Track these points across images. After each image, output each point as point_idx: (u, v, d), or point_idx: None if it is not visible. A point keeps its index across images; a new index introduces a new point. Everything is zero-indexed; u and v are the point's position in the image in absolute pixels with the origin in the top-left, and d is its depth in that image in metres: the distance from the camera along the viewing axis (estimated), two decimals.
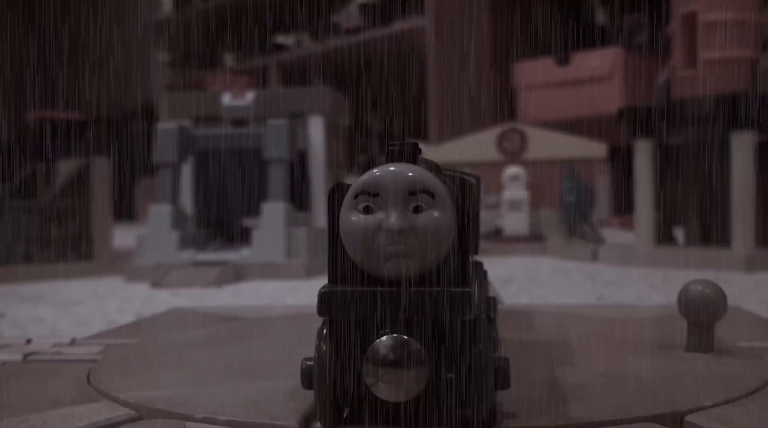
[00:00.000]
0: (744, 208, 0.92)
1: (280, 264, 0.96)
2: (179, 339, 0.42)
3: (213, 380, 0.32)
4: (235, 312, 0.54)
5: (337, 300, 0.25)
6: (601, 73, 1.83)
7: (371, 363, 0.24)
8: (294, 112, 1.08)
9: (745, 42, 0.95)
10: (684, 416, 0.27)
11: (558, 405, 0.28)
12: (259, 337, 0.43)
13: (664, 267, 0.97)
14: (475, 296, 0.25)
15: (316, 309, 0.26)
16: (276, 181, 0.99)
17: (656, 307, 0.53)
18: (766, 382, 0.31)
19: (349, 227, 0.25)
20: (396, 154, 0.26)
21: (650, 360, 0.35)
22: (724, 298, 0.36)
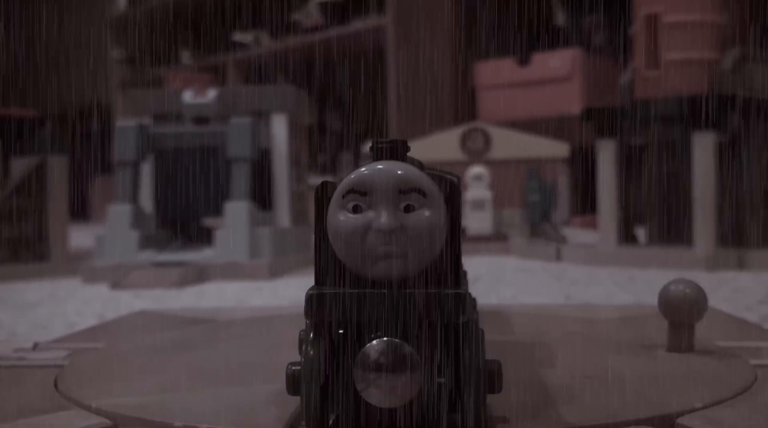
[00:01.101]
0: (705, 207, 0.93)
1: (243, 265, 0.95)
2: (149, 343, 0.41)
3: (189, 385, 0.31)
4: (203, 314, 0.53)
5: (326, 302, 0.24)
6: (561, 74, 1.84)
7: (362, 367, 0.23)
8: (257, 110, 1.06)
9: (706, 43, 0.96)
10: (675, 418, 0.26)
11: (548, 408, 0.27)
12: (232, 340, 0.42)
13: (627, 266, 0.97)
14: (468, 298, 0.24)
15: (285, 311, 0.25)
16: (239, 180, 0.98)
17: (630, 306, 0.53)
18: (752, 382, 0.31)
19: (338, 227, 0.24)
20: (384, 152, 0.26)
21: (633, 360, 0.35)
22: (704, 298, 0.36)
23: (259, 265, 0.94)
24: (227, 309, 0.60)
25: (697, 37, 0.95)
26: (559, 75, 1.85)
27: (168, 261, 0.95)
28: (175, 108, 1.07)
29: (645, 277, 0.87)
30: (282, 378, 0.31)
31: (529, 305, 0.61)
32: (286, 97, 1.08)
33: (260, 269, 0.94)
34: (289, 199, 1.07)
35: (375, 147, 0.26)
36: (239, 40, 2.91)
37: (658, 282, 0.84)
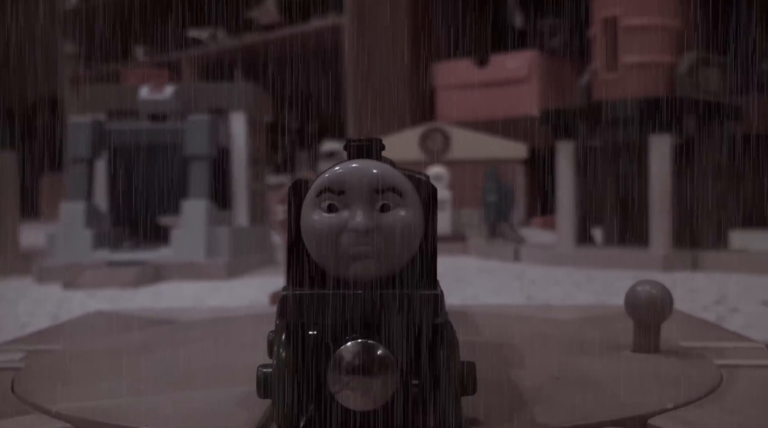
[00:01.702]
0: (661, 208, 0.94)
1: (200, 264, 0.93)
2: (108, 345, 0.40)
3: (154, 388, 0.30)
4: (162, 314, 0.52)
5: (300, 303, 0.24)
6: (519, 75, 1.85)
7: (337, 370, 0.23)
8: (215, 107, 1.05)
9: (664, 47, 0.97)
10: (647, 419, 0.26)
11: (521, 410, 0.27)
12: (195, 342, 0.41)
13: (585, 266, 0.98)
14: (444, 298, 0.24)
15: (246, 312, 0.24)
16: (197, 179, 0.96)
17: (593, 307, 0.53)
18: (718, 382, 0.31)
19: (312, 226, 0.24)
20: (359, 151, 0.25)
21: (601, 361, 0.35)
22: (670, 299, 0.36)
23: (217, 265, 0.93)
24: (186, 309, 0.59)
25: (655, 41, 0.96)
26: (516, 76, 1.86)
27: (123, 261, 0.93)
28: (131, 104, 1.05)
29: (602, 277, 0.88)
30: (249, 380, 0.31)
31: (493, 305, 0.61)
32: (245, 95, 1.07)
33: (218, 269, 0.93)
34: (247, 198, 1.06)
35: (350, 145, 0.25)
36: (195, 36, 2.88)
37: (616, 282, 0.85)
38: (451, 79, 1.97)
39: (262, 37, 2.63)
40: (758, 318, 0.60)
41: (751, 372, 0.33)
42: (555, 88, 1.85)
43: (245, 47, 2.68)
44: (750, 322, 0.58)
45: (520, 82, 1.87)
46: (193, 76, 2.76)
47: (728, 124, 0.99)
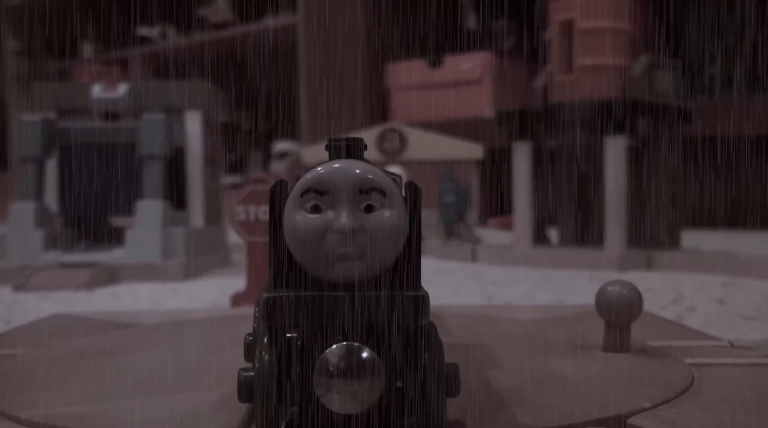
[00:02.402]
0: (616, 209, 0.96)
1: (156, 266, 0.92)
2: (71, 349, 0.39)
3: (124, 393, 0.29)
4: (122, 317, 0.51)
5: (285, 306, 0.23)
6: (472, 77, 1.87)
7: (322, 373, 0.23)
8: (170, 106, 1.03)
9: (618, 50, 0.98)
10: (627, 418, 0.27)
11: (503, 411, 0.27)
12: (161, 345, 0.40)
13: (542, 266, 0.99)
14: (429, 300, 0.24)
15: (209, 313, 0.24)
16: (152, 178, 0.95)
17: (558, 307, 0.54)
18: (691, 381, 0.31)
19: (296, 227, 0.23)
20: (341, 150, 0.25)
21: (574, 361, 0.35)
22: (640, 299, 0.36)
23: (173, 266, 0.92)
24: (146, 312, 0.57)
25: (609, 44, 0.98)
26: (470, 78, 1.87)
27: (75, 262, 0.91)
28: (83, 102, 1.03)
29: (560, 277, 0.89)
30: (221, 383, 0.30)
31: (456, 306, 0.61)
32: (200, 94, 1.06)
33: (174, 270, 0.91)
34: (203, 198, 1.04)
35: (332, 145, 0.25)
36: (144, 34, 2.83)
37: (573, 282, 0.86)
38: (405, 80, 1.97)
39: (213, 36, 2.60)
40: (715, 317, 0.61)
41: (720, 371, 0.33)
42: (508, 89, 1.87)
43: (196, 46, 2.65)
44: (708, 321, 0.59)
45: (473, 83, 1.88)
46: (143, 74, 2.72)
47: (680, 126, 1.01)
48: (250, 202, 0.64)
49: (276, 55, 2.49)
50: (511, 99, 1.80)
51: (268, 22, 2.42)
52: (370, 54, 2.08)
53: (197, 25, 2.68)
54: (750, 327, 0.56)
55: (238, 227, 0.63)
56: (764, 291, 0.76)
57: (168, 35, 2.80)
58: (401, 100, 1.99)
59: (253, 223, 0.64)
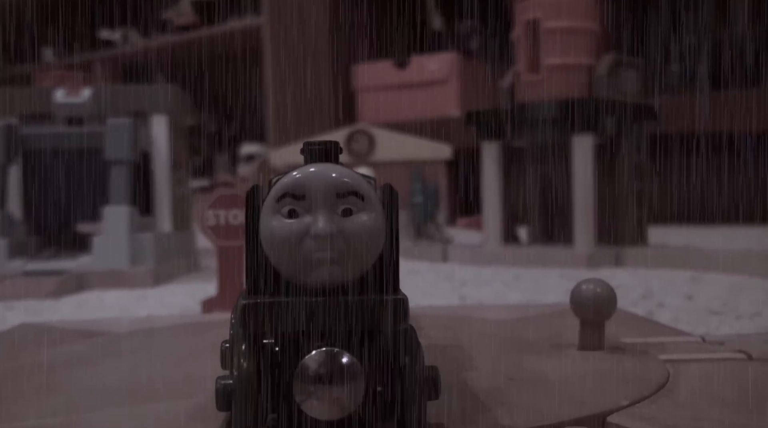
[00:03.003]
0: (585, 207, 0.96)
1: (124, 272, 0.90)
2: (41, 359, 0.38)
3: (100, 404, 0.29)
4: (92, 325, 0.50)
5: (263, 312, 0.23)
6: (439, 77, 1.87)
7: (302, 379, 0.22)
8: (135, 110, 1.02)
9: (584, 49, 0.99)
10: (606, 417, 0.27)
11: (482, 413, 0.27)
12: (133, 353, 0.39)
13: (512, 265, 1.00)
14: (408, 303, 0.24)
15: (180, 320, 0.24)
16: (118, 184, 0.93)
17: (532, 306, 0.54)
18: (666, 378, 0.32)
19: (272, 233, 0.23)
20: (317, 154, 0.25)
21: (550, 360, 0.35)
22: (614, 297, 0.37)
23: (142, 273, 0.90)
24: (116, 319, 0.57)
25: (575, 43, 0.98)
26: (436, 78, 1.88)
27: (41, 270, 0.90)
28: (45, 107, 1.01)
29: (530, 276, 0.90)
30: (197, 391, 0.30)
31: (429, 307, 0.61)
32: (166, 97, 1.05)
33: (142, 276, 0.90)
34: (170, 203, 1.03)
35: (307, 149, 0.25)
36: (106, 37, 2.80)
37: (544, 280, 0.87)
38: (371, 81, 1.97)
39: (177, 39, 2.58)
40: (684, 313, 0.61)
41: (694, 366, 0.34)
42: (474, 89, 1.88)
43: (160, 48, 2.63)
44: (677, 316, 0.59)
45: (440, 84, 1.88)
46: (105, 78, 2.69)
47: (645, 124, 1.02)
48: (220, 207, 0.63)
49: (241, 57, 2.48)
50: (477, 99, 1.81)
51: (232, 24, 2.41)
52: (336, 55, 2.07)
53: (161, 27, 2.66)
54: (718, 322, 0.57)
55: (208, 232, 0.63)
56: (730, 285, 0.77)
57: (130, 38, 2.77)
58: (368, 101, 1.99)
59: (223, 228, 0.63)
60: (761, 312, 0.60)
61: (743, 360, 0.35)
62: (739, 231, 1.44)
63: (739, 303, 0.65)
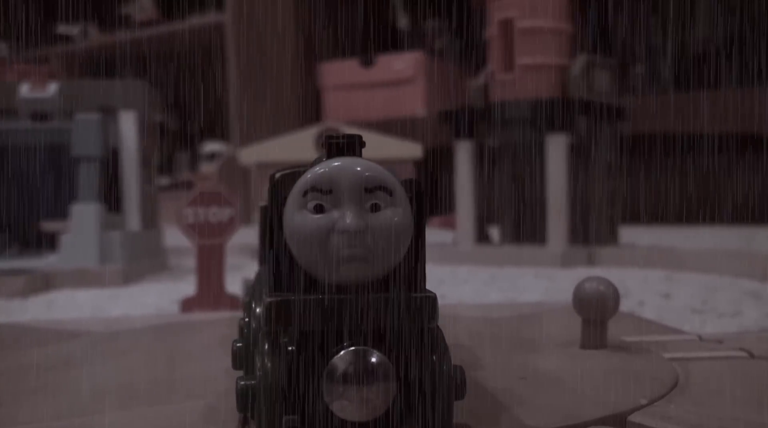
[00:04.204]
0: (558, 206, 0.97)
1: (93, 271, 0.88)
2: (30, 360, 0.37)
3: (104, 406, 0.28)
4: (71, 325, 0.48)
5: (292, 310, 0.22)
6: (405, 76, 1.87)
7: (332, 380, 0.22)
8: (103, 105, 1.00)
9: (558, 49, 1.00)
10: (627, 416, 0.26)
11: (505, 413, 0.26)
12: (124, 354, 0.38)
13: (485, 264, 1.00)
14: (437, 301, 0.23)
15: (163, 320, 0.23)
16: (86, 181, 0.91)
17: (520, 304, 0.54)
18: (676, 376, 0.31)
19: (298, 228, 0.22)
20: (341, 148, 0.24)
21: (555, 359, 0.35)
22: (617, 295, 0.36)
23: (111, 271, 0.88)
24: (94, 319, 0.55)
25: (549, 43, 0.99)
26: (402, 77, 1.87)
27: (7, 269, 0.87)
28: (10, 103, 0.98)
29: (505, 275, 0.90)
30: (202, 392, 0.29)
31: None
32: (135, 93, 1.03)
33: (112, 275, 0.88)
34: (139, 200, 1.01)
35: (329, 142, 0.24)
36: (64, 32, 2.74)
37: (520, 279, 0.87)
38: (337, 80, 1.96)
39: (138, 34, 2.53)
40: (665, 311, 0.62)
41: (700, 365, 0.34)
42: (440, 88, 1.88)
43: (119, 44, 2.58)
44: (660, 315, 0.60)
45: (406, 83, 1.88)
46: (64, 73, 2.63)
47: (617, 124, 1.03)
48: (200, 204, 0.62)
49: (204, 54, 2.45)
50: (443, 98, 1.81)
51: (195, 21, 2.38)
52: (302, 53, 2.06)
53: (120, 23, 2.61)
54: (702, 320, 0.57)
55: (187, 230, 0.62)
56: (705, 284, 0.77)
57: (89, 33, 2.72)
58: (334, 100, 1.98)
59: (202, 226, 0.62)
60: (741, 310, 0.61)
61: (746, 358, 0.35)
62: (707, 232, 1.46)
63: (717, 301, 0.66)
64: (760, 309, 0.61)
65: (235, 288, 0.65)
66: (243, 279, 0.67)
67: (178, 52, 2.52)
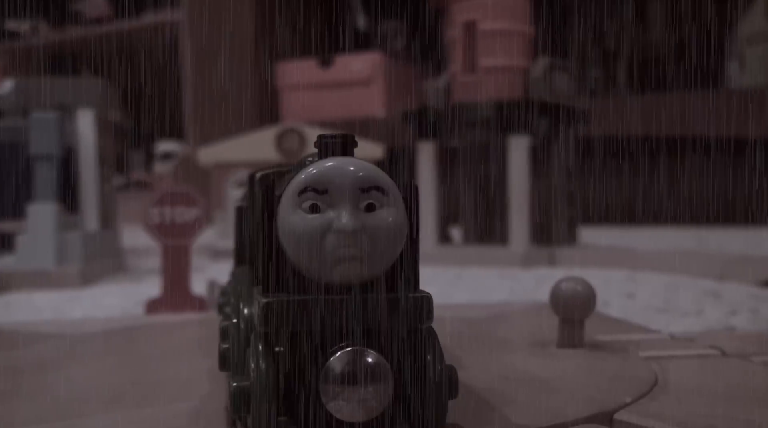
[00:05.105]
0: (520, 207, 0.98)
1: (50, 273, 0.86)
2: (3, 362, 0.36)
3: (87, 409, 0.27)
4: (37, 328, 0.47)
5: (288, 310, 0.22)
6: (363, 77, 1.87)
7: (328, 380, 0.22)
8: (60, 104, 0.98)
9: (519, 51, 1.01)
10: (613, 414, 0.27)
11: (493, 412, 0.26)
12: (99, 357, 0.37)
13: (448, 265, 1.00)
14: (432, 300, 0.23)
15: (132, 322, 0.23)
16: (43, 180, 0.89)
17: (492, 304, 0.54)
18: (655, 374, 0.32)
19: (293, 228, 0.22)
20: (335, 147, 0.24)
21: (534, 358, 0.35)
22: (594, 295, 0.37)
23: (69, 273, 0.87)
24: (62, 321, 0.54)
25: (511, 45, 1.00)
26: (361, 78, 1.87)
27: None
28: None
29: (469, 275, 0.90)
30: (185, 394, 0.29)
31: None
32: (93, 91, 1.01)
33: (70, 277, 0.86)
34: (97, 200, 0.99)
35: (322, 142, 0.24)
36: (12, 29, 2.68)
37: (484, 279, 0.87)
38: (295, 80, 1.95)
39: (89, 31, 2.49)
40: (631, 310, 0.63)
41: (676, 363, 0.34)
42: (399, 89, 1.88)
43: (71, 41, 2.53)
44: (626, 314, 0.60)
45: (364, 84, 1.88)
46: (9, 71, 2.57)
47: (577, 127, 1.04)
48: (165, 204, 0.61)
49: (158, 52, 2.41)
50: (402, 99, 1.82)
51: (148, 18, 2.34)
52: (259, 52, 2.04)
53: (72, 19, 2.56)
54: (667, 320, 0.58)
55: (152, 230, 0.61)
56: (666, 284, 0.79)
57: (39, 30, 2.66)
58: (292, 100, 1.97)
59: (168, 226, 0.61)
60: (703, 309, 0.62)
61: (719, 357, 0.36)
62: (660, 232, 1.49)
63: (680, 301, 0.67)
64: (721, 309, 0.62)
65: (200, 290, 0.64)
66: (209, 280, 0.66)
67: (131, 49, 2.48)
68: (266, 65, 2.04)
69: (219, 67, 2.09)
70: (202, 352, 0.37)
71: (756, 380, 0.31)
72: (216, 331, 0.41)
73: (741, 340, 0.39)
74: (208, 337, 0.40)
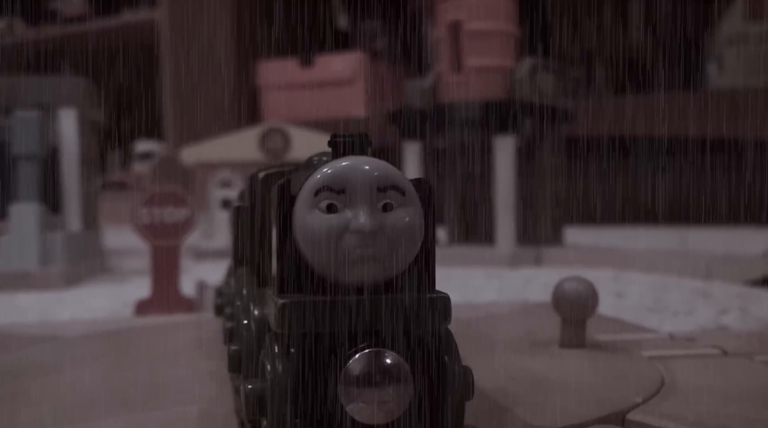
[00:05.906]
0: (506, 207, 0.98)
1: (33, 274, 0.85)
2: None
3: (90, 413, 0.27)
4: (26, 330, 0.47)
5: (305, 312, 0.22)
6: (345, 76, 1.86)
7: (348, 382, 0.21)
8: (41, 103, 0.96)
9: (504, 51, 1.01)
10: (625, 414, 0.27)
11: (507, 413, 0.26)
12: (101, 358, 0.37)
13: None
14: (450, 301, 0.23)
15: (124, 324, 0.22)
16: (26, 180, 0.88)
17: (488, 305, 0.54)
18: (661, 374, 0.32)
19: (310, 228, 0.22)
20: (350, 147, 0.23)
21: (539, 358, 0.35)
22: (596, 295, 0.37)
23: (53, 274, 0.86)
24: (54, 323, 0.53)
25: (497, 45, 1.00)
26: (342, 77, 1.87)
27: None
28: None
29: (456, 276, 0.90)
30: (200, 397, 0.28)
31: None
32: (75, 90, 0.99)
33: (54, 278, 0.85)
34: (79, 200, 0.98)
35: (337, 141, 0.23)
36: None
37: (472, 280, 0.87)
38: (276, 79, 1.94)
39: (67, 30, 2.46)
40: (622, 310, 0.63)
41: (680, 363, 0.34)
42: (380, 89, 1.88)
43: (47, 40, 2.51)
44: (618, 314, 0.60)
45: (346, 84, 1.88)
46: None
47: (562, 126, 1.05)
48: (154, 205, 0.60)
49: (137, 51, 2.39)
50: (383, 99, 1.81)
51: (127, 16, 2.32)
52: (239, 51, 2.03)
53: (48, 18, 2.53)
54: (659, 319, 0.59)
55: (142, 230, 0.60)
56: (653, 283, 0.79)
57: (15, 28, 2.63)
58: (272, 100, 1.96)
59: (157, 227, 0.60)
60: (694, 309, 0.62)
61: (721, 356, 0.36)
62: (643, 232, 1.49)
63: (669, 300, 0.67)
64: (712, 308, 0.62)
65: (189, 291, 0.64)
66: (197, 281, 0.66)
67: (109, 48, 2.46)
68: (246, 64, 2.02)
69: (198, 66, 2.07)
70: (202, 354, 0.36)
71: (762, 379, 0.31)
72: (213, 332, 0.40)
73: (740, 339, 0.39)
74: (204, 339, 0.40)
